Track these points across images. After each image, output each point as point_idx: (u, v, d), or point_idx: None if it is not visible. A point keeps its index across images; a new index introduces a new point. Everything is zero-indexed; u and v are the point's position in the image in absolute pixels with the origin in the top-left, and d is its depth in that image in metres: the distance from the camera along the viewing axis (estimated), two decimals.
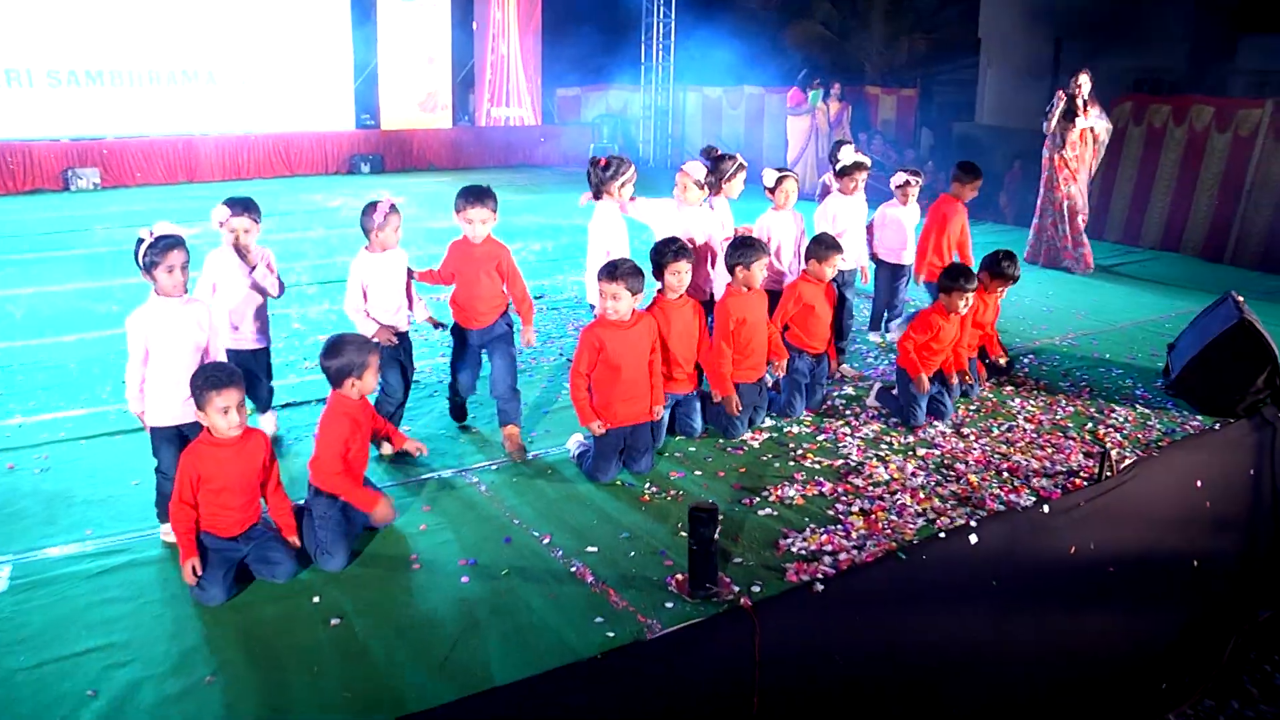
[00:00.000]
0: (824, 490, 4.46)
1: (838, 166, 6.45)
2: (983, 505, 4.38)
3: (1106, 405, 5.78)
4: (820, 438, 5.12)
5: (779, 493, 4.42)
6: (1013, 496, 4.49)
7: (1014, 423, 5.44)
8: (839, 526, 4.11)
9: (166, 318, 3.73)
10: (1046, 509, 4.40)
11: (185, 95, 14.32)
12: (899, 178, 6.81)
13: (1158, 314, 8.04)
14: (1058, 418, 5.53)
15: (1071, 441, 5.17)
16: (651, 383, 4.63)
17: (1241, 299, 6.09)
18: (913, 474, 4.68)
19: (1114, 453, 4.82)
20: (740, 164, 5.76)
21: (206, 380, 3.42)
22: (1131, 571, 4.50)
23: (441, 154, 16.63)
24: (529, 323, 4.91)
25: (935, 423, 5.36)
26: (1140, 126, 11.16)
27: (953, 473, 4.73)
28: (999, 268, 5.81)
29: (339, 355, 3.72)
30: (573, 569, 3.73)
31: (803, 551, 3.88)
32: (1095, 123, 9.51)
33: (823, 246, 5.43)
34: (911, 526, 4.14)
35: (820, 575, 3.66)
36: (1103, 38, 15.86)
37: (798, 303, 5.43)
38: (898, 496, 4.42)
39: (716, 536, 3.47)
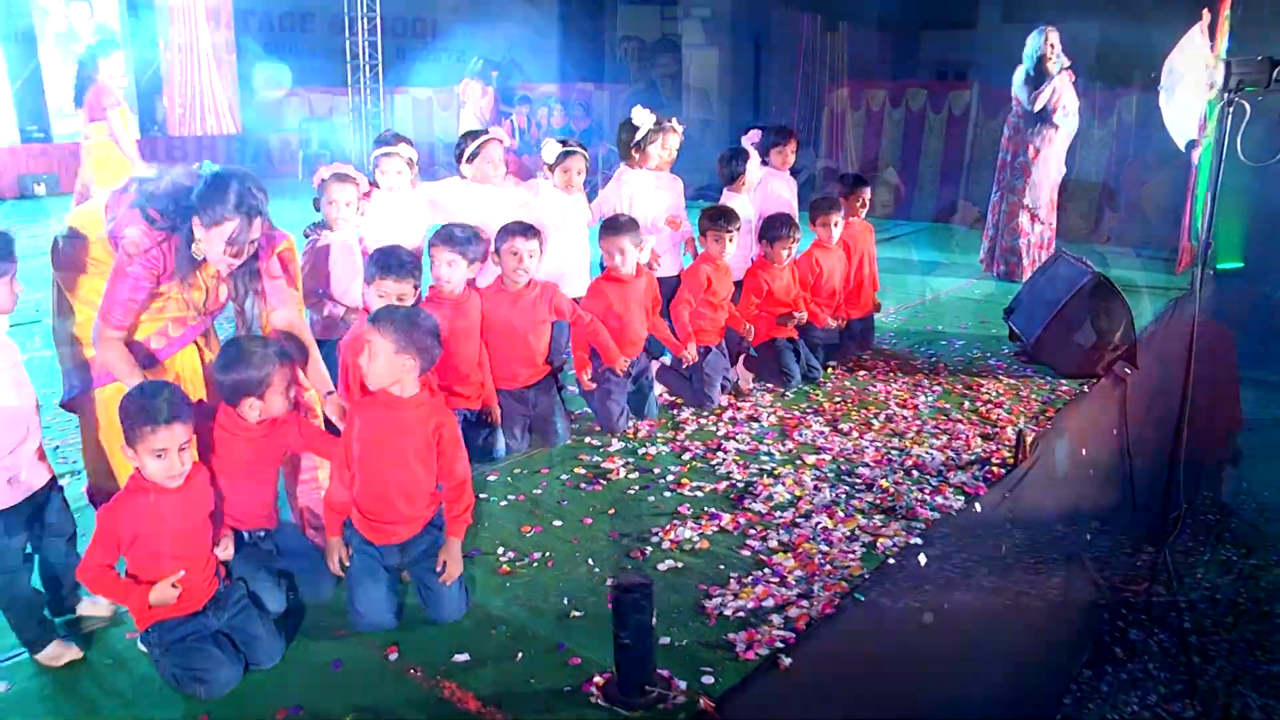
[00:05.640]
0: (723, 524, 3.51)
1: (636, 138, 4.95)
2: (913, 514, 3.60)
3: (971, 380, 5.25)
4: (687, 457, 4.17)
5: (671, 535, 3.42)
6: (939, 499, 3.75)
7: (889, 410, 4.76)
8: (767, 571, 3.17)
9: None
10: (979, 507, 3.79)
11: None
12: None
13: (957, 280, 7.81)
14: (932, 400, 4.92)
15: (962, 425, 4.55)
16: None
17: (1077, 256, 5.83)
18: (815, 488, 3.83)
19: (1018, 432, 4.21)
20: (486, 139, 4.50)
21: (140, 411, 2.48)
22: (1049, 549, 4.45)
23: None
24: None
25: (810, 418, 4.59)
26: (859, 110, 12.12)
27: (858, 479, 3.93)
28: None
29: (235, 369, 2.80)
30: (444, 694, 2.54)
31: (740, 614, 2.89)
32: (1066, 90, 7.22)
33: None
34: (850, 555, 3.27)
35: (779, 643, 2.72)
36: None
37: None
38: (815, 519, 3.55)
39: (654, 622, 2.42)
